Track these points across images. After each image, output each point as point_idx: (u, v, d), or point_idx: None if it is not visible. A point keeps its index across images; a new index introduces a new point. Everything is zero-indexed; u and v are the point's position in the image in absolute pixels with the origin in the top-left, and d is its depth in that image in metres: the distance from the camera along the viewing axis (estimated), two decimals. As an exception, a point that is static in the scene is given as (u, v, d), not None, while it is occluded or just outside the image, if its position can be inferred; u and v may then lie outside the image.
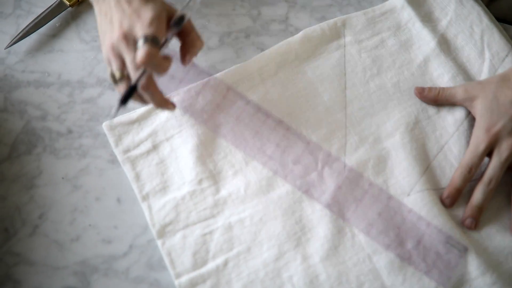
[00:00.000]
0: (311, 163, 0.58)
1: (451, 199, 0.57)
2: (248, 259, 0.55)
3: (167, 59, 0.51)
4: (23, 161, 0.60)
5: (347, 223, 0.56)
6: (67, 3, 0.67)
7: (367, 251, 0.55)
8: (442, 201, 0.57)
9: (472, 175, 0.57)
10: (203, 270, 0.54)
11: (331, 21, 0.67)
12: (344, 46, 0.66)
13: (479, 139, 0.57)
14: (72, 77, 0.64)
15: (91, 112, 0.62)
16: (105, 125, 0.60)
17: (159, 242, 0.56)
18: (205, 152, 0.60)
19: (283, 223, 0.57)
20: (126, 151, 0.60)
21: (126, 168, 0.59)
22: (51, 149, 0.60)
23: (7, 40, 0.66)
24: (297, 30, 0.68)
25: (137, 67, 0.50)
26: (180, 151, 0.60)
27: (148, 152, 0.60)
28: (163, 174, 0.59)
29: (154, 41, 0.49)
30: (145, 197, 0.58)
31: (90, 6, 0.68)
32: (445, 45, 0.66)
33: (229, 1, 0.70)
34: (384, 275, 0.54)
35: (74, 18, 0.68)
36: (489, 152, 0.58)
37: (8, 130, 0.61)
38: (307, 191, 0.57)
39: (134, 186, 0.58)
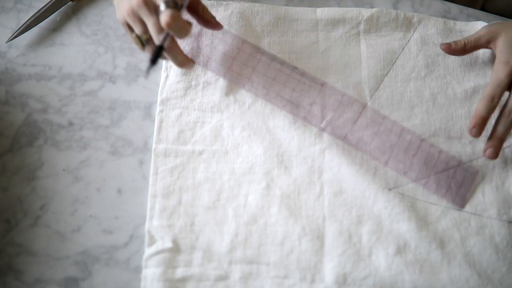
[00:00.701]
0: (329, 104, 0.61)
1: (478, 128, 0.57)
2: (221, 161, 0.60)
3: (189, 23, 0.55)
4: (25, 153, 0.60)
5: (365, 153, 0.60)
6: (68, -3, 0.68)
7: (325, 212, 0.57)
8: (469, 132, 0.58)
9: (495, 105, 0.57)
10: (180, 147, 0.60)
11: (409, 13, 0.68)
12: (408, 41, 0.67)
13: (499, 71, 0.58)
14: (73, 70, 0.65)
15: (92, 105, 0.63)
16: None
17: (158, 109, 0.61)
18: None
19: (266, 150, 0.60)
20: None
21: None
22: (52, 141, 0.61)
23: (8, 34, 0.66)
24: (296, 24, 0.69)
25: (161, 31, 0.52)
26: (216, 48, 0.64)
27: (191, 35, 0.64)
28: (192, 58, 0.62)
29: (175, 5, 0.51)
30: (168, 68, 0.64)
31: (90, 0, 0.69)
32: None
33: (228, -5, 0.70)
34: (327, 241, 0.56)
35: (74, 12, 0.69)
36: (509, 86, 0.58)
37: (10, 123, 0.62)
38: (326, 128, 0.61)
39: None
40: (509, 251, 0.56)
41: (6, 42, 0.66)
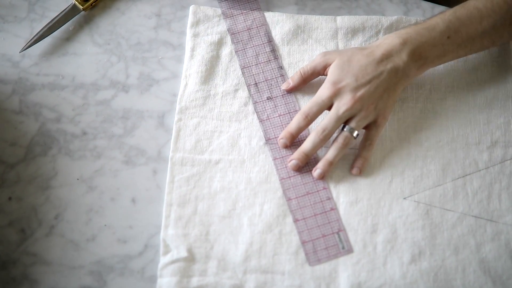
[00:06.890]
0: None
1: (285, 140, 0.60)
2: (237, 170, 0.60)
3: None
4: (39, 163, 0.61)
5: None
6: (81, 7, 0.68)
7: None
8: (278, 141, 0.61)
9: (307, 122, 0.59)
10: (197, 157, 0.60)
11: None
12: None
13: (323, 90, 0.59)
14: (86, 80, 0.65)
15: (105, 114, 0.63)
16: (192, 7, 0.68)
17: (176, 117, 0.62)
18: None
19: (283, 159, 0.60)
20: (196, 35, 0.67)
21: (187, 47, 0.66)
22: (66, 150, 0.61)
23: (22, 43, 0.67)
24: (307, 32, 0.69)
25: None
26: (235, 58, 0.66)
27: (211, 43, 0.66)
28: (212, 68, 0.65)
29: None
30: (187, 76, 0.65)
31: (103, 10, 0.70)
32: None
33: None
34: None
35: (87, 21, 0.69)
36: (330, 107, 0.59)
37: (24, 132, 0.62)
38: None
39: (185, 63, 0.66)
40: None
41: (19, 52, 0.66)
